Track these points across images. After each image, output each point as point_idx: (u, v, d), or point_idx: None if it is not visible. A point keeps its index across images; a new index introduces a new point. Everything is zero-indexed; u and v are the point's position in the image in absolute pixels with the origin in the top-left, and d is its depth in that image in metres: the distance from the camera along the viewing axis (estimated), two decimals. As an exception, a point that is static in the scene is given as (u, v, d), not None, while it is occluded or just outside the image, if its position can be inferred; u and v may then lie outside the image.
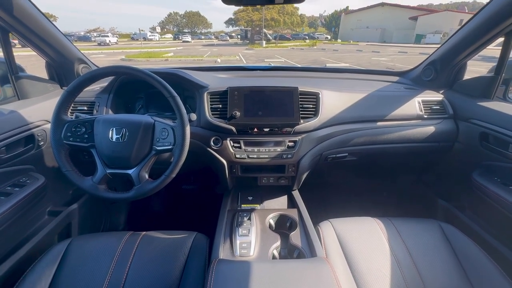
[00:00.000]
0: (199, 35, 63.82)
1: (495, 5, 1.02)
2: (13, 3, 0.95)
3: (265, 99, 1.15)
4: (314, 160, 1.26)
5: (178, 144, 0.90)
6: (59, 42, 1.20)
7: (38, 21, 1.08)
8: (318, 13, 68.73)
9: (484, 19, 1.08)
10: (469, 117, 1.23)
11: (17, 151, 1.03)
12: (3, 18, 0.98)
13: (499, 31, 1.06)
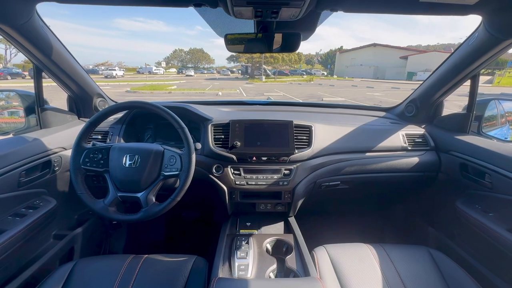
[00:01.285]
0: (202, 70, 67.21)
1: (460, 54, 1.20)
2: (48, 46, 1.12)
3: (263, 131, 1.27)
4: (308, 188, 1.35)
5: (184, 169, 1.00)
6: (83, 79, 1.36)
7: (67, 60, 1.24)
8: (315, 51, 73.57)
9: (452, 65, 1.25)
10: (449, 149, 1.35)
11: (34, 175, 1.12)
12: (38, 59, 1.14)
13: (465, 75, 1.23)
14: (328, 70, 53.36)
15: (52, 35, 1.11)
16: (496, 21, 0.93)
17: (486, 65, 1.15)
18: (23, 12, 0.90)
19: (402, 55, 37.66)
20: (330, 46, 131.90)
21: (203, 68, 75.06)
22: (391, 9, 0.91)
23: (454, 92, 1.39)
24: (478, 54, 1.10)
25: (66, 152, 1.28)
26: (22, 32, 0.98)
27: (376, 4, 0.87)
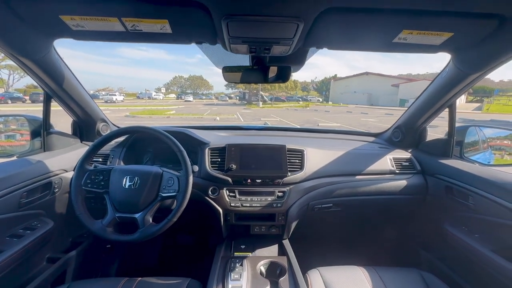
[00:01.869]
0: (201, 96, 68.91)
1: (435, 86, 1.32)
2: (61, 75, 1.21)
3: (258, 154, 1.34)
4: (302, 210, 1.38)
5: (181, 191, 1.05)
6: (88, 105, 1.45)
7: (76, 88, 1.33)
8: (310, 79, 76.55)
9: (429, 95, 1.37)
10: (435, 173, 1.42)
11: (35, 196, 1.16)
12: (50, 87, 1.23)
13: (442, 104, 1.34)
14: (324, 96, 55.12)
15: (65, 66, 1.21)
16: (462, 58, 1.06)
17: (460, 95, 1.27)
18: (41, 47, 1.00)
19: (394, 83, 39.24)
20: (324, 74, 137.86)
21: (201, 94, 77.01)
22: (369, 48, 1.03)
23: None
24: (450, 86, 1.22)
25: (66, 174, 1.32)
26: (39, 64, 1.07)
27: (355, 44, 0.99)
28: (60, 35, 0.94)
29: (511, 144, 1.58)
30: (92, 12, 0.78)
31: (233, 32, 0.86)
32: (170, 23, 0.84)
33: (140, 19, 0.81)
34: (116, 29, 0.87)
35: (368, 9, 0.77)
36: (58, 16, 0.79)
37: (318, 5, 0.74)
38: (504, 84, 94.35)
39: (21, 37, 0.91)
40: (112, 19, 0.81)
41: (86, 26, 0.85)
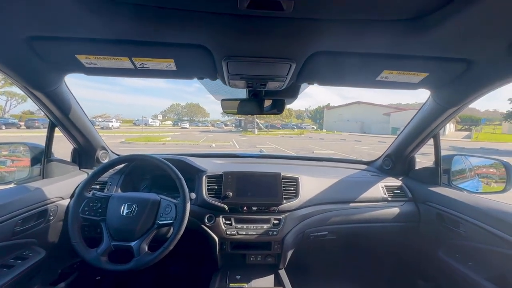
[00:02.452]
0: (197, 123, 69.89)
1: (419, 118, 1.42)
2: (68, 106, 1.28)
3: (254, 182, 1.38)
4: (297, 238, 1.39)
5: (179, 218, 1.06)
6: (90, 133, 1.50)
7: (80, 117, 1.39)
8: (304, 107, 78.93)
9: (414, 126, 1.47)
10: (426, 200, 1.46)
11: (29, 224, 1.15)
12: (56, 116, 1.28)
13: (426, 135, 1.43)
14: (318, 124, 56.37)
15: (72, 97, 1.28)
16: (439, 94, 1.17)
17: (442, 127, 1.36)
18: (54, 81, 1.08)
19: (385, 112, 40.61)
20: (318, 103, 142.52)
21: (198, 121, 78.11)
22: (355, 85, 1.14)
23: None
24: (432, 119, 1.32)
25: (63, 202, 1.32)
26: (49, 96, 1.14)
27: (342, 81, 1.10)
28: (73, 71, 1.02)
29: (496, 172, 1.65)
30: (106, 52, 0.87)
31: (232, 70, 0.95)
32: (176, 61, 0.93)
33: (149, 58, 0.90)
34: (125, 67, 0.95)
35: (351, 53, 0.87)
36: (74, 56, 0.88)
37: (308, 49, 0.84)
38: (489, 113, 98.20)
39: (37, 72, 0.99)
40: (123, 58, 0.89)
41: (98, 64, 0.93)
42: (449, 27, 0.69)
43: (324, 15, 0.70)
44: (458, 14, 0.63)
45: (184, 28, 0.75)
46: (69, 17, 0.70)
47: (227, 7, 0.67)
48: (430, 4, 0.64)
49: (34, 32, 0.78)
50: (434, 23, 0.69)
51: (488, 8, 0.60)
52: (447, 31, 0.71)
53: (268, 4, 0.64)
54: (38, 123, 24.67)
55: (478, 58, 0.87)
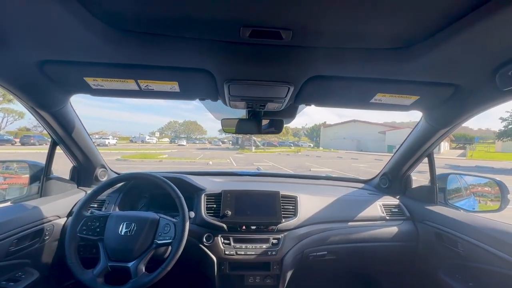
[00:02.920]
0: (194, 140, 69.98)
1: (413, 137, 1.47)
2: (71, 125, 1.30)
3: (252, 200, 1.38)
4: (296, 258, 1.37)
5: (177, 237, 1.06)
6: (91, 152, 1.51)
7: (83, 136, 1.41)
8: (301, 125, 79.96)
9: (408, 146, 1.51)
10: (423, 219, 1.47)
11: (24, 244, 1.13)
12: (59, 135, 1.30)
13: (420, 154, 1.46)
14: (314, 142, 56.83)
15: (76, 116, 1.31)
16: (431, 115, 1.22)
17: (435, 146, 1.41)
18: (60, 101, 1.11)
19: (380, 130, 41.21)
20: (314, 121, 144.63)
21: (195, 138, 78.26)
22: (350, 106, 1.19)
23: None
24: (424, 139, 1.36)
25: (59, 221, 1.31)
26: (54, 115, 1.17)
27: (338, 103, 1.15)
28: (80, 92, 1.06)
29: (491, 191, 1.67)
30: (113, 75, 0.91)
31: (233, 92, 0.99)
32: (179, 84, 0.97)
33: (154, 81, 0.95)
34: (131, 88, 0.99)
35: (346, 77, 0.93)
36: (82, 78, 0.92)
37: (305, 74, 0.89)
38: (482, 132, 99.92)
39: (45, 93, 1.02)
40: (129, 80, 0.93)
41: (105, 86, 0.97)
42: (436, 55, 0.75)
43: (320, 43, 0.76)
44: (444, 43, 0.69)
45: (189, 54, 0.80)
46: (79, 43, 0.75)
47: (230, 36, 0.73)
48: (418, 35, 0.70)
49: (46, 56, 0.82)
50: (422, 52, 0.75)
51: (472, 37, 0.65)
52: (434, 58, 0.77)
53: (268, 34, 0.70)
54: (33, 140, 24.51)
55: (464, 83, 0.93)
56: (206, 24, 0.68)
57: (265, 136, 48.03)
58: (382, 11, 0.60)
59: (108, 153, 20.59)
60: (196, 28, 0.70)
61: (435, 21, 0.64)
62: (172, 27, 0.70)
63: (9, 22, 0.65)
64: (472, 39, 0.66)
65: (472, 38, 0.66)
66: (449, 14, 0.60)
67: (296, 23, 0.67)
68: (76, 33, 0.69)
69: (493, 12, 0.55)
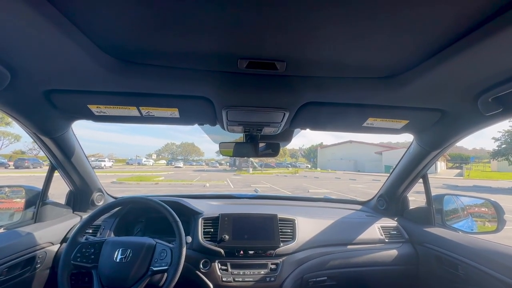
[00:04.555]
0: (191, 162, 69.66)
1: (406, 159, 1.50)
2: (71, 150, 1.31)
3: (250, 224, 1.37)
4: (296, 284, 1.34)
5: (174, 263, 1.03)
6: (88, 176, 1.51)
7: (82, 161, 1.42)
8: (298, 146, 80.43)
9: (402, 167, 1.54)
10: (422, 241, 1.46)
11: (14, 273, 1.09)
12: (58, 159, 1.31)
13: (415, 175, 1.49)
14: (312, 163, 56.83)
15: (76, 141, 1.33)
16: (421, 138, 1.27)
17: (429, 167, 1.44)
18: (62, 127, 1.14)
19: (377, 151, 41.53)
20: (311, 142, 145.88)
21: (192, 160, 77.90)
22: (343, 130, 1.24)
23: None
24: (417, 161, 1.39)
25: (52, 248, 1.28)
26: (55, 141, 1.19)
27: (332, 127, 1.19)
28: (82, 118, 1.09)
29: (488, 211, 1.68)
30: (116, 102, 0.95)
31: (231, 118, 1.03)
32: (179, 110, 1.01)
33: (155, 108, 0.99)
34: (132, 114, 1.03)
35: (339, 104, 0.98)
36: (86, 105, 0.95)
37: (299, 100, 0.94)
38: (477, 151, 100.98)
39: (48, 120, 1.05)
40: (131, 107, 0.97)
41: (107, 112, 1.01)
42: (423, 82, 0.81)
43: (312, 72, 0.81)
44: (430, 71, 0.75)
45: (189, 83, 0.85)
46: (85, 73, 0.79)
47: (228, 67, 0.78)
48: (405, 64, 0.76)
49: (53, 86, 0.86)
50: (409, 79, 0.81)
51: (455, 66, 0.71)
52: (421, 85, 0.83)
53: (264, 65, 0.75)
54: (28, 163, 24.21)
55: (449, 109, 0.98)
56: (205, 57, 0.74)
57: (262, 158, 47.91)
58: (371, 43, 0.66)
59: (103, 175, 20.30)
60: (196, 60, 0.76)
61: (422, 52, 0.69)
62: (172, 59, 0.76)
63: (17, 53, 0.69)
64: (455, 68, 0.72)
65: (455, 67, 0.71)
66: (435, 44, 0.66)
67: (290, 55, 0.72)
68: (82, 64, 0.73)
69: (475, 43, 0.60)
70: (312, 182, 19.06)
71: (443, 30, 0.60)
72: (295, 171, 33.88)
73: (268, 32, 0.62)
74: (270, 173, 30.78)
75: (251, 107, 0.96)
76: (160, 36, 0.65)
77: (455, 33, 0.61)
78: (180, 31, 0.62)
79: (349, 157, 44.20)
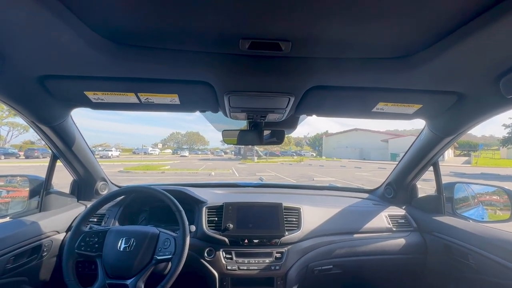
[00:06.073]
0: (196, 151, 70.14)
1: (416, 146, 1.44)
2: (72, 139, 1.29)
3: (255, 213, 1.35)
4: (301, 273, 1.33)
5: (178, 253, 1.02)
6: (92, 165, 1.50)
7: (83, 149, 1.40)
8: (303, 134, 79.90)
9: (412, 155, 1.48)
10: (431, 230, 1.42)
11: (22, 261, 1.10)
12: (59, 148, 1.29)
13: (425, 163, 1.43)
14: (317, 151, 56.61)
15: (76, 130, 1.31)
16: (434, 124, 1.20)
17: (440, 154, 1.38)
18: (61, 116, 1.12)
19: (383, 139, 41.06)
20: (316, 130, 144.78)
21: (197, 149, 78.44)
22: (352, 116, 1.18)
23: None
24: (428, 148, 1.34)
25: (58, 236, 1.28)
26: (54, 130, 1.17)
27: (339, 112, 1.14)
28: (80, 106, 1.06)
29: (499, 200, 1.62)
30: (113, 89, 0.91)
31: (234, 104, 0.99)
32: (179, 96, 0.97)
33: (154, 94, 0.94)
34: (131, 101, 0.99)
35: (347, 87, 0.92)
36: (83, 92, 0.92)
37: (305, 84, 0.89)
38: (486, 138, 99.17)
39: (45, 108, 1.02)
40: (129, 94, 0.93)
41: (105, 99, 0.97)
42: (438, 63, 0.74)
43: (319, 53, 0.75)
44: (446, 51, 0.68)
45: (189, 66, 0.80)
46: (80, 58, 0.75)
47: (229, 48, 0.73)
48: (419, 43, 0.70)
49: (46, 71, 0.82)
50: (424, 60, 0.74)
51: (474, 44, 0.64)
52: (436, 66, 0.76)
53: (268, 46, 0.70)
54: (37, 153, 24.68)
55: (467, 91, 0.92)
56: (205, 37, 0.68)
57: (267, 146, 47.90)
58: (382, 20, 0.60)
59: (111, 165, 20.64)
60: (195, 40, 0.70)
61: (437, 29, 0.63)
62: (171, 40, 0.71)
63: (10, 37, 0.65)
64: (475, 46, 0.65)
65: (475, 45, 0.65)
66: (451, 22, 0.60)
67: (295, 34, 0.66)
68: (76, 48, 0.69)
69: (495, 19, 0.55)
70: (317, 170, 19.04)
71: (461, 4, 0.54)
72: (300, 160, 33.85)
73: (272, 9, 0.56)
74: (275, 161, 30.82)
75: (254, 92, 0.91)
76: (157, 15, 0.60)
77: (476, 7, 0.54)
78: (178, 9, 0.57)
79: (355, 145, 43.85)
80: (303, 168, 20.79)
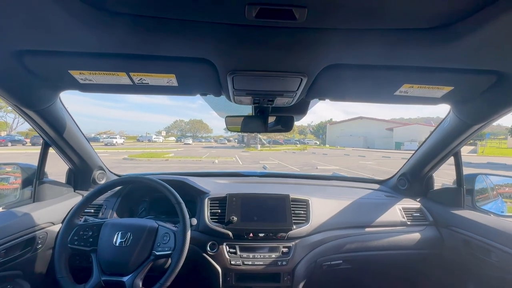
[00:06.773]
0: (200, 139, 70.24)
1: (438, 135, 1.32)
2: (62, 125, 1.20)
3: (260, 205, 1.27)
4: (309, 268, 1.25)
5: (177, 248, 0.95)
6: (87, 153, 1.42)
7: (76, 136, 1.31)
8: (307, 123, 79.12)
9: (433, 144, 1.36)
10: (449, 225, 1.33)
11: (15, 254, 1.04)
12: (50, 135, 1.21)
13: (446, 153, 1.32)
14: (320, 139, 56.24)
15: (67, 115, 1.21)
16: (463, 109, 1.08)
17: (464, 144, 1.26)
18: (47, 99, 1.01)
19: (388, 127, 40.55)
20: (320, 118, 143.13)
21: (201, 137, 78.56)
22: (371, 100, 1.06)
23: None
24: (453, 136, 1.21)
25: (53, 228, 1.22)
26: (41, 115, 1.07)
27: (357, 96, 1.02)
28: (67, 88, 0.95)
29: (521, 192, 1.52)
30: (101, 67, 0.80)
31: (238, 85, 0.87)
32: (177, 77, 0.86)
33: (148, 74, 0.83)
34: (123, 82, 0.88)
35: (369, 66, 0.79)
36: (67, 71, 0.81)
37: (321, 62, 0.76)
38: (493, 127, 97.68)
39: (28, 90, 0.92)
40: (120, 73, 0.82)
41: (93, 80, 0.86)
42: (482, 35, 0.62)
43: (340, 24, 0.63)
44: (494, 19, 0.56)
45: (186, 40, 0.68)
46: (60, 29, 0.64)
47: (233, 17, 0.60)
48: (460, 10, 0.57)
49: (24, 46, 0.72)
50: (463, 32, 0.61)
51: None
52: (479, 39, 0.63)
53: (279, 13, 0.57)
54: (43, 140, 24.89)
55: (510, 70, 0.79)
56: (205, 3, 0.56)
57: (270, 134, 47.75)
58: None
59: (115, 152, 20.80)
60: (194, 7, 0.58)
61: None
62: (166, 7, 0.59)
63: None
64: None
65: None
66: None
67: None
68: (55, 17, 0.58)
69: None
70: (320, 158, 18.94)
71: None
72: (304, 148, 33.72)
73: None
74: (278, 149, 30.74)
75: (261, 72, 0.79)
76: None
77: None
78: None
79: (359, 134, 43.44)
80: (307, 156, 20.71)
